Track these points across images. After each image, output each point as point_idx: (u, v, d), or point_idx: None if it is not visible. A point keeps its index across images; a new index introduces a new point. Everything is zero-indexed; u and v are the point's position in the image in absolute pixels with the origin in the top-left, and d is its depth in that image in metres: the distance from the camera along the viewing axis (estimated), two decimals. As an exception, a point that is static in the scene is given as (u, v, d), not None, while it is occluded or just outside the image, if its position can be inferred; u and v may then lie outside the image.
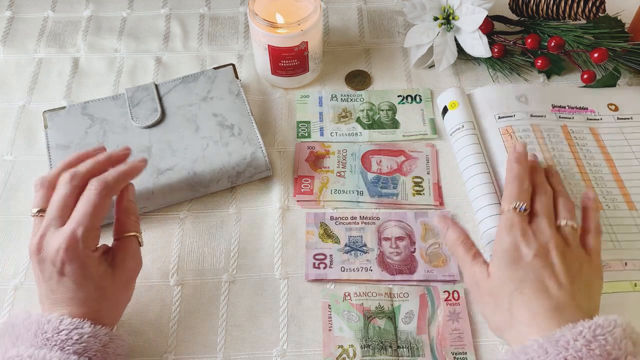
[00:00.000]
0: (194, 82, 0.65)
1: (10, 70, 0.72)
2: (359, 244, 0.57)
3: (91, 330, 0.42)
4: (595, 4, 0.68)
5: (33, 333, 0.41)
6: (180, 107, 0.63)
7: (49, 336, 0.41)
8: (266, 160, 0.59)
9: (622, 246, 0.55)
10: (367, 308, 0.53)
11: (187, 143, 0.60)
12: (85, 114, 0.62)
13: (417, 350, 0.50)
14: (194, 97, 0.64)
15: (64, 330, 0.41)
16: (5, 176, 0.63)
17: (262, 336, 0.52)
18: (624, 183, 0.60)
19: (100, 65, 0.73)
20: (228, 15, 0.78)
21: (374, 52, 0.74)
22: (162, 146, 0.60)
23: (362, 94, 0.69)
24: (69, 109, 0.63)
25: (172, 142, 0.60)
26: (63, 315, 0.42)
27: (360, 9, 0.79)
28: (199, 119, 0.62)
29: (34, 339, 0.41)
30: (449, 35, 0.69)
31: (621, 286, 0.52)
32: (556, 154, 0.61)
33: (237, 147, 0.60)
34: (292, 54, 0.65)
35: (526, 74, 0.71)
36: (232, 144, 0.60)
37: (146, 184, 0.57)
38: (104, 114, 0.62)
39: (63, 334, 0.41)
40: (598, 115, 0.66)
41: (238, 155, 0.59)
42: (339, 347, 0.51)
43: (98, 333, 0.43)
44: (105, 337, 0.43)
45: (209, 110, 0.62)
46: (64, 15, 0.78)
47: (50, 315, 0.42)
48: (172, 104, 0.63)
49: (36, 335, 0.41)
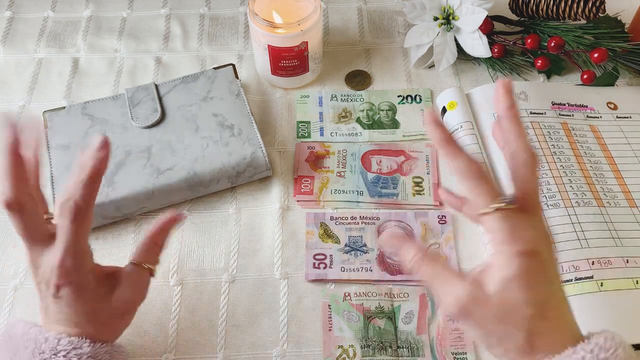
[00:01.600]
0: (193, 82, 0.65)
1: (10, 70, 0.72)
2: (359, 244, 0.57)
3: (90, 350, 0.40)
4: (595, 4, 0.68)
5: (30, 352, 0.39)
6: (180, 107, 0.63)
7: (47, 357, 0.39)
8: (266, 160, 0.59)
9: (623, 243, 0.54)
10: (367, 308, 0.53)
11: (187, 143, 0.60)
12: (86, 114, 0.62)
13: (417, 351, 0.50)
14: (193, 97, 0.63)
15: (62, 351, 0.39)
16: (5, 176, 0.63)
17: (262, 336, 0.52)
18: (624, 180, 0.60)
19: (100, 66, 0.73)
20: (228, 15, 0.78)
21: (374, 52, 0.74)
22: (162, 146, 0.60)
23: (362, 94, 0.69)
24: (69, 109, 0.62)
25: (172, 142, 0.60)
26: (61, 334, 0.40)
27: (360, 9, 0.79)
28: (198, 119, 0.61)
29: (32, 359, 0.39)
30: (449, 35, 0.69)
31: (622, 284, 0.52)
32: (556, 150, 0.61)
33: (237, 147, 0.59)
34: (292, 54, 0.65)
35: (526, 74, 0.71)
36: (232, 144, 0.60)
37: (146, 184, 0.57)
38: (104, 114, 0.62)
39: (61, 355, 0.39)
40: (598, 113, 0.66)
41: (238, 155, 0.59)
42: (339, 347, 0.51)
43: (97, 352, 0.41)
44: (106, 355, 0.41)
45: (208, 110, 0.62)
46: (64, 15, 0.78)
47: (47, 334, 0.40)
48: (172, 104, 0.63)
49: (34, 355, 0.39)
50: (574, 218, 0.56)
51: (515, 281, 0.36)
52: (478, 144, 0.62)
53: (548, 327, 0.36)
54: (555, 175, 0.59)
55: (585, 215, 0.56)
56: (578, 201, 0.57)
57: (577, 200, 0.57)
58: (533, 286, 0.36)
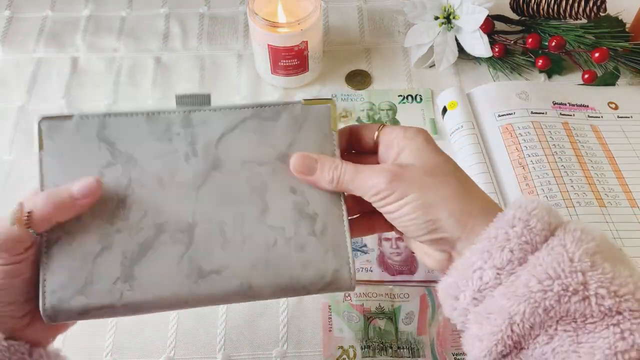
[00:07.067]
0: (272, 120, 0.41)
1: (9, 70, 0.72)
2: (359, 244, 0.57)
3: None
4: (596, 3, 0.68)
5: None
6: (246, 162, 0.40)
7: None
8: (352, 283, 0.39)
9: (624, 243, 0.54)
10: (367, 309, 0.53)
11: (247, 231, 0.39)
12: (103, 139, 0.39)
13: (418, 351, 0.50)
14: (269, 149, 0.40)
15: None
16: (5, 176, 0.63)
17: (262, 336, 0.52)
18: (625, 180, 0.59)
19: (100, 65, 0.72)
20: (228, 15, 0.78)
21: (374, 51, 0.74)
22: (212, 229, 0.39)
23: (363, 94, 0.69)
24: (78, 122, 0.39)
25: (226, 224, 0.39)
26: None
27: (360, 8, 0.78)
28: (269, 192, 0.40)
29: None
30: (449, 35, 0.68)
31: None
32: (557, 150, 0.61)
33: (315, 256, 0.39)
34: (292, 53, 0.64)
35: (527, 74, 0.70)
36: (310, 248, 0.39)
37: (179, 289, 0.38)
38: (132, 145, 0.39)
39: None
40: (598, 113, 0.66)
41: (315, 270, 0.39)
42: (339, 347, 0.51)
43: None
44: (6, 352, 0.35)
45: (286, 179, 0.40)
46: (63, 14, 0.78)
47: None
48: (235, 154, 0.40)
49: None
50: (575, 218, 0.55)
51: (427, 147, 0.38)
52: (478, 144, 0.61)
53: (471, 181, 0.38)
54: (556, 175, 0.59)
55: (586, 215, 0.56)
56: (579, 201, 0.57)
57: (578, 200, 0.57)
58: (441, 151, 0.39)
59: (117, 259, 0.37)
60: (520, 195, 0.57)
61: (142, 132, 0.40)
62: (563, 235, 0.33)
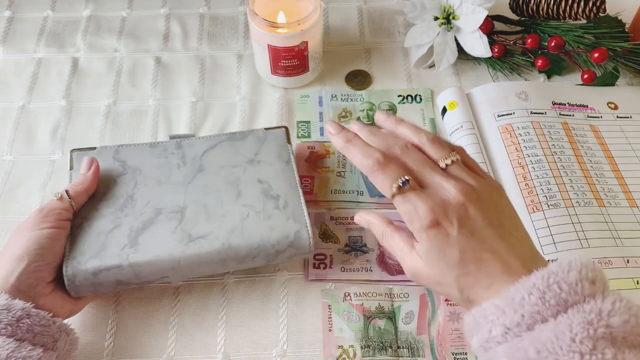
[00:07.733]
0: (241, 140, 0.58)
1: (9, 70, 0.72)
2: (359, 244, 0.57)
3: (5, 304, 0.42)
4: (596, 3, 0.68)
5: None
6: (223, 166, 0.56)
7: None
8: (310, 242, 0.52)
9: (623, 243, 0.54)
10: (367, 308, 0.53)
11: (225, 209, 0.53)
12: (118, 159, 0.56)
13: (417, 351, 0.50)
14: (239, 157, 0.57)
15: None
16: (5, 176, 0.63)
17: (262, 336, 0.52)
18: (625, 180, 0.60)
19: (100, 65, 0.73)
20: (228, 15, 0.78)
21: (374, 51, 0.74)
22: (198, 209, 0.53)
23: (362, 94, 0.69)
24: (99, 151, 0.57)
25: (209, 205, 0.53)
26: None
27: (360, 8, 0.79)
28: (242, 184, 0.54)
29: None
30: (449, 35, 0.69)
31: (623, 284, 0.52)
32: (557, 150, 0.61)
33: (280, 222, 0.52)
34: (292, 53, 0.65)
35: (526, 74, 0.71)
36: (276, 217, 0.52)
37: (173, 250, 0.50)
38: (138, 161, 0.56)
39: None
40: (598, 113, 0.66)
41: (280, 231, 0.51)
42: (339, 347, 0.51)
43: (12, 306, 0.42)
44: (22, 312, 0.42)
45: (254, 175, 0.55)
46: (64, 15, 0.78)
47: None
48: (215, 162, 0.56)
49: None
50: (575, 218, 0.56)
51: (430, 253, 0.41)
52: (478, 144, 0.61)
53: (471, 280, 0.40)
54: (555, 175, 0.59)
55: (585, 215, 0.56)
56: (578, 201, 0.57)
57: (578, 200, 0.57)
58: (446, 252, 0.40)
59: (125, 233, 0.51)
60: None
61: (145, 153, 0.57)
62: (574, 315, 0.35)
